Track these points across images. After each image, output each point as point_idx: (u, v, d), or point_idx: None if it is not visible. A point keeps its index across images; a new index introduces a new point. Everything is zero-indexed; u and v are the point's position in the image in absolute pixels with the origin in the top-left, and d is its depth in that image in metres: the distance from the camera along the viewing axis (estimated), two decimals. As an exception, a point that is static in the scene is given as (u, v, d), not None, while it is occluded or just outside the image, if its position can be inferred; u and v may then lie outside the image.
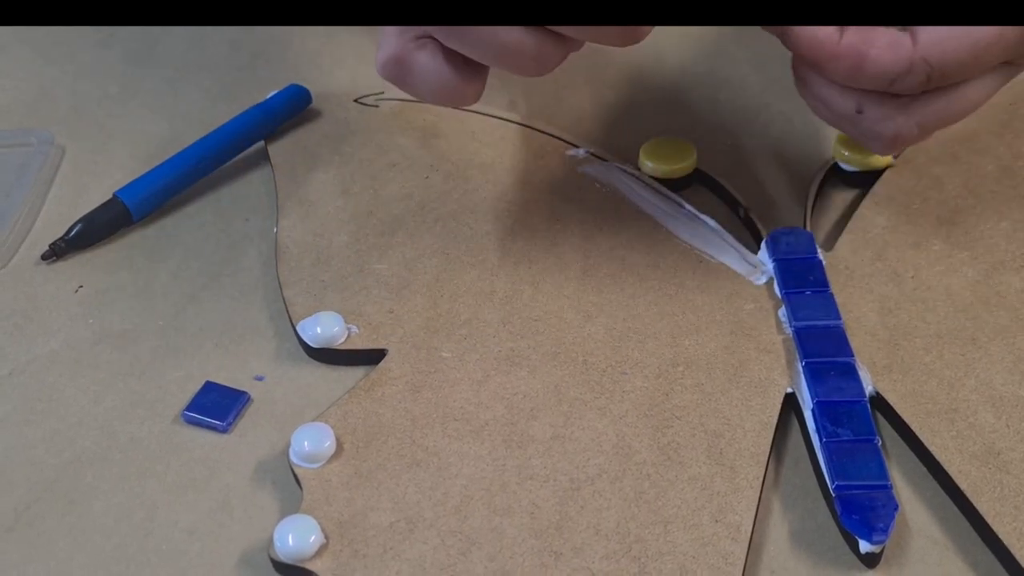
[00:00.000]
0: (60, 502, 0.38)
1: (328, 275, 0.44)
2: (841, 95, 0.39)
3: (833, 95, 0.39)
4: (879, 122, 0.39)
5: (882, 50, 0.37)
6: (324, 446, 0.38)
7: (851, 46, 0.37)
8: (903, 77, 0.37)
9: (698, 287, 0.43)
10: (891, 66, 0.37)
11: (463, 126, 0.51)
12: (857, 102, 0.39)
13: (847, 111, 0.39)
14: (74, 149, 0.52)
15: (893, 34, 0.37)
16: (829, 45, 0.37)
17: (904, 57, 0.37)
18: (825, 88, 0.39)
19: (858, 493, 0.36)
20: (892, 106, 0.39)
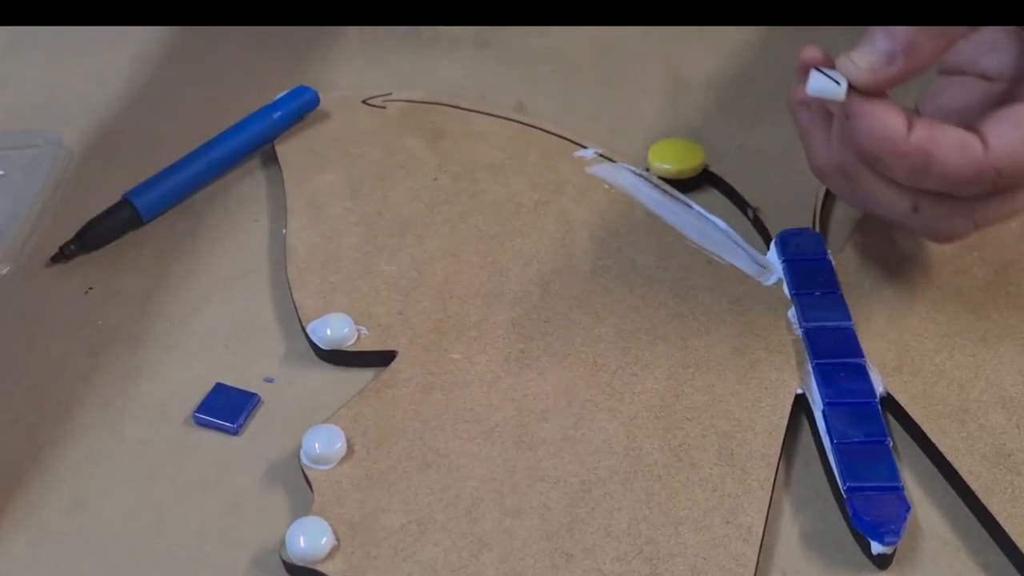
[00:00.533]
0: (70, 504, 0.38)
1: (338, 277, 0.44)
2: (897, 195, 0.37)
3: (888, 195, 0.38)
4: (935, 222, 0.38)
5: (950, 153, 0.35)
6: (335, 448, 0.38)
7: (919, 145, 0.35)
8: (969, 183, 0.36)
9: (707, 288, 0.43)
10: (958, 171, 0.35)
11: (471, 127, 0.51)
12: (913, 201, 0.37)
13: (901, 211, 0.38)
14: (83, 151, 0.52)
15: (963, 136, 0.36)
16: (898, 141, 0.35)
17: (973, 162, 0.35)
18: (879, 187, 0.38)
19: (869, 494, 0.36)
20: (949, 206, 0.37)
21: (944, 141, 0.35)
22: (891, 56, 0.35)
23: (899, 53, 0.35)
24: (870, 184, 0.38)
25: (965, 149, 0.35)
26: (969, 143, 0.35)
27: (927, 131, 0.35)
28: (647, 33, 0.57)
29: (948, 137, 0.35)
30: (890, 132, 0.36)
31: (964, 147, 0.35)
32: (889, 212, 0.38)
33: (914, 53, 0.35)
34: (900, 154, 0.35)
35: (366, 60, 0.57)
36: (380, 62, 0.56)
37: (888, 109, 0.36)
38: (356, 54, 0.57)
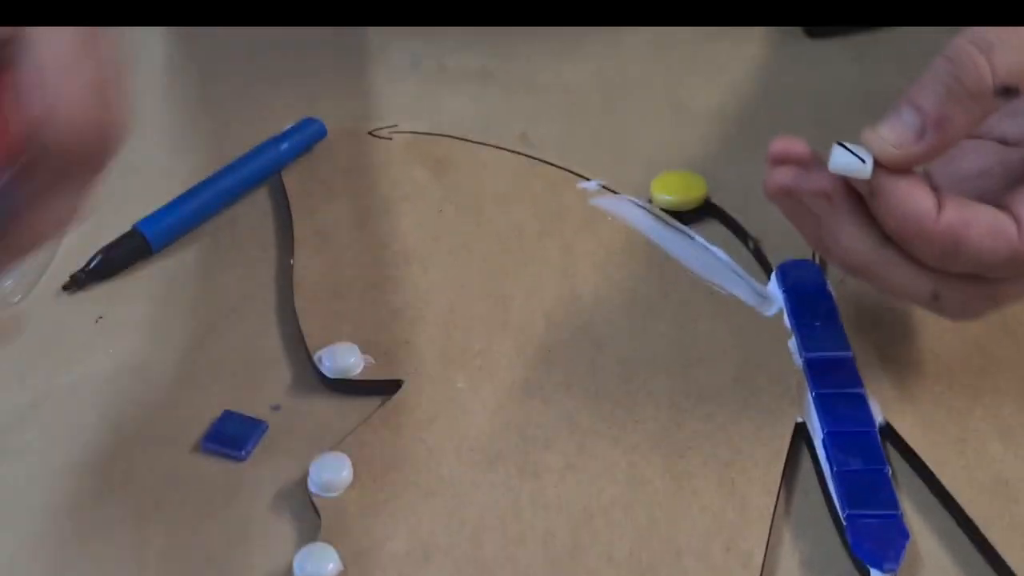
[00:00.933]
0: (79, 530, 0.38)
1: (344, 306, 0.45)
2: (916, 279, 0.35)
3: (907, 280, 0.35)
4: (956, 307, 0.36)
5: (983, 236, 0.33)
6: (341, 475, 0.38)
7: (949, 228, 0.33)
8: (1001, 267, 0.34)
9: (709, 318, 0.44)
10: (992, 255, 0.34)
11: (476, 159, 0.52)
12: (934, 289, 0.35)
13: (920, 296, 0.36)
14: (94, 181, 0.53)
15: (995, 218, 0.34)
16: (927, 223, 0.33)
17: (1007, 246, 0.33)
18: (898, 272, 0.35)
19: (869, 522, 0.36)
20: (972, 292, 0.35)
21: (976, 224, 0.33)
22: (920, 131, 0.34)
23: (929, 127, 0.33)
24: (891, 272, 0.36)
25: (999, 233, 0.33)
26: (1003, 226, 0.34)
27: (958, 212, 0.33)
28: (650, 65, 0.58)
29: (980, 219, 0.34)
30: (919, 213, 0.33)
31: (997, 230, 0.33)
32: (906, 298, 0.37)
33: (945, 127, 0.34)
34: (929, 237, 0.33)
35: (372, 92, 0.57)
36: (386, 94, 0.57)
37: (916, 187, 0.34)
38: (362, 86, 0.58)
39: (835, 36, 0.60)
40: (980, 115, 0.34)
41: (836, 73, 0.57)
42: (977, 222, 0.33)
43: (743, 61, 0.58)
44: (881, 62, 0.58)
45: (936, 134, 0.33)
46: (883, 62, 0.58)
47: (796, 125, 0.54)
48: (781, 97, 0.56)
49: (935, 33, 0.60)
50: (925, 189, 0.34)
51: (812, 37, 0.60)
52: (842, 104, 0.55)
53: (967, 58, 0.33)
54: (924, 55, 0.59)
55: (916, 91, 0.34)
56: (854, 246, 0.35)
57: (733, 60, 0.59)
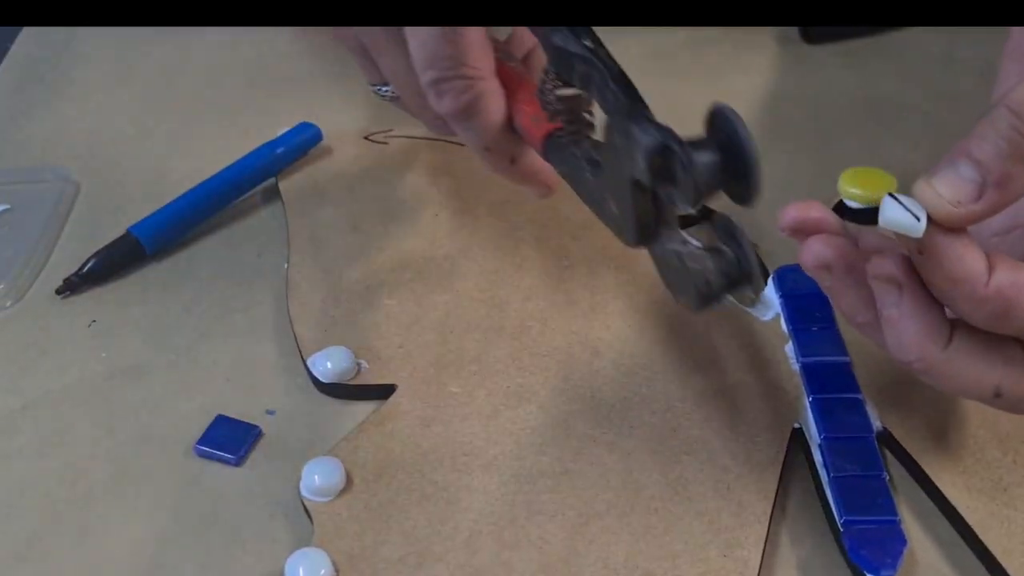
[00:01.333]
0: (72, 534, 0.38)
1: (338, 311, 0.45)
2: (980, 379, 0.33)
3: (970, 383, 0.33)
4: (1018, 402, 0.34)
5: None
6: (334, 480, 0.38)
7: (999, 292, 0.31)
8: None
9: (705, 323, 0.44)
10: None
11: (472, 164, 0.52)
12: (996, 385, 0.33)
13: (983, 395, 0.34)
14: (89, 185, 0.53)
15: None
16: (977, 285, 0.31)
17: None
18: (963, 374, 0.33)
19: (866, 528, 0.36)
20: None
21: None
22: (980, 188, 0.31)
23: (991, 185, 0.31)
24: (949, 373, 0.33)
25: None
26: None
27: (1010, 275, 0.31)
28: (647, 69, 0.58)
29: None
30: (971, 275, 0.31)
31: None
32: (966, 397, 0.35)
33: (1008, 186, 0.31)
34: (979, 299, 0.32)
35: (368, 96, 0.57)
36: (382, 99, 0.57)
37: (968, 247, 0.32)
38: (358, 90, 0.58)
39: (832, 41, 0.60)
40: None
41: (833, 78, 0.58)
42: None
43: (740, 66, 0.58)
44: (878, 67, 0.58)
45: (998, 193, 0.31)
46: (880, 67, 0.58)
47: (793, 130, 0.55)
48: (778, 102, 0.56)
49: (932, 38, 0.61)
50: (976, 249, 0.32)
51: (809, 42, 0.60)
52: (839, 109, 0.56)
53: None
54: (920, 60, 0.60)
55: (975, 143, 0.31)
56: (920, 346, 0.33)
57: (730, 65, 0.59)
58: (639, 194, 0.32)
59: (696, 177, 0.29)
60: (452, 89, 0.40)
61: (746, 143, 0.29)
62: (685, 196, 0.30)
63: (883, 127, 0.54)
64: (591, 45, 0.34)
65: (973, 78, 0.57)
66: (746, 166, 0.29)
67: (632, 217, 0.33)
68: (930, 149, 0.52)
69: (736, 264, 0.32)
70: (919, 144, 0.52)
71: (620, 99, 0.33)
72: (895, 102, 0.56)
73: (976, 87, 0.56)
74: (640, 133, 0.30)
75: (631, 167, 0.32)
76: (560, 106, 0.37)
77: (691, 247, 0.32)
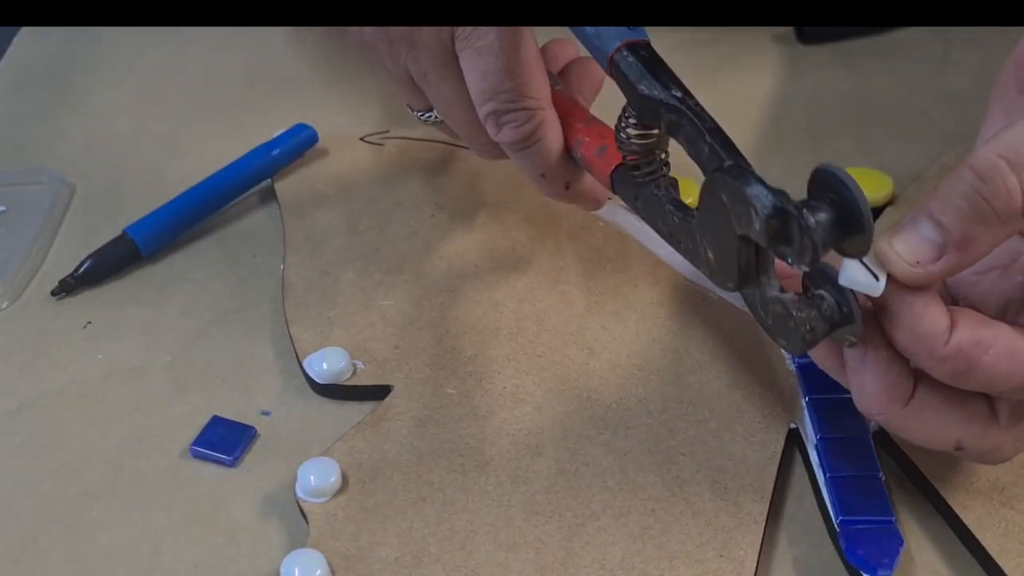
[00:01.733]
0: (67, 535, 0.38)
1: (334, 312, 0.45)
2: (940, 433, 0.33)
3: (930, 435, 0.33)
4: (981, 455, 0.34)
5: (998, 358, 0.31)
6: (330, 481, 0.38)
7: (960, 351, 0.31)
8: (1017, 391, 0.32)
9: (701, 324, 0.44)
10: (1006, 379, 0.31)
11: (468, 165, 0.52)
12: (957, 440, 0.33)
13: (944, 446, 0.34)
14: (85, 187, 0.53)
15: (1013, 340, 0.32)
16: (938, 344, 0.31)
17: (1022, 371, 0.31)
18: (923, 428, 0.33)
19: (863, 528, 0.36)
20: (994, 434, 0.33)
21: (991, 347, 0.31)
22: (940, 249, 0.31)
23: (950, 247, 0.31)
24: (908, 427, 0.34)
25: (1015, 356, 0.31)
26: (1019, 350, 0.31)
27: (971, 334, 0.31)
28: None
29: (996, 341, 0.31)
30: (930, 334, 0.31)
31: (1014, 354, 0.31)
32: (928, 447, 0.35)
33: (968, 248, 0.31)
34: (939, 357, 0.31)
35: (364, 98, 0.57)
36: (378, 100, 0.57)
37: (929, 306, 0.31)
38: (354, 92, 0.58)
39: (827, 42, 0.60)
40: (1006, 236, 0.32)
41: (829, 79, 0.58)
42: (992, 346, 0.31)
43: (736, 67, 0.58)
44: (873, 68, 0.58)
45: (958, 254, 0.31)
46: (875, 68, 0.58)
47: (789, 130, 0.55)
48: (774, 103, 0.56)
49: (927, 39, 0.61)
50: (938, 307, 0.32)
51: (805, 43, 0.60)
52: (835, 109, 0.56)
53: (997, 177, 0.31)
54: (915, 60, 0.60)
55: (937, 204, 0.31)
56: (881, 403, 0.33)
57: (726, 66, 0.59)
58: (745, 247, 0.33)
59: (814, 239, 0.30)
60: (513, 121, 0.40)
61: (858, 201, 0.30)
62: (802, 257, 0.30)
63: (879, 128, 0.54)
64: (679, 95, 0.35)
65: (968, 79, 0.57)
66: (859, 223, 0.30)
67: (735, 268, 0.33)
68: (925, 150, 0.52)
69: (838, 309, 0.32)
70: (914, 145, 0.52)
71: (719, 154, 0.33)
72: (891, 103, 0.56)
73: (971, 88, 0.56)
74: (756, 197, 0.31)
75: (740, 224, 0.32)
76: (638, 148, 0.38)
77: (791, 294, 0.33)
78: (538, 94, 0.40)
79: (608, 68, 0.37)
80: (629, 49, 0.36)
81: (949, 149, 0.51)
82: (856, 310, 0.32)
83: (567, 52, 0.45)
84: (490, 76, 0.39)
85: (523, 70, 0.39)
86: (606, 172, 0.40)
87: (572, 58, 0.45)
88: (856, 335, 0.32)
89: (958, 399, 0.33)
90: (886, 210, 0.48)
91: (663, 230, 0.38)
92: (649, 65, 0.36)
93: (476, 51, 0.39)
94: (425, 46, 0.40)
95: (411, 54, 0.41)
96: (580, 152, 0.41)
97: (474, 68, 0.40)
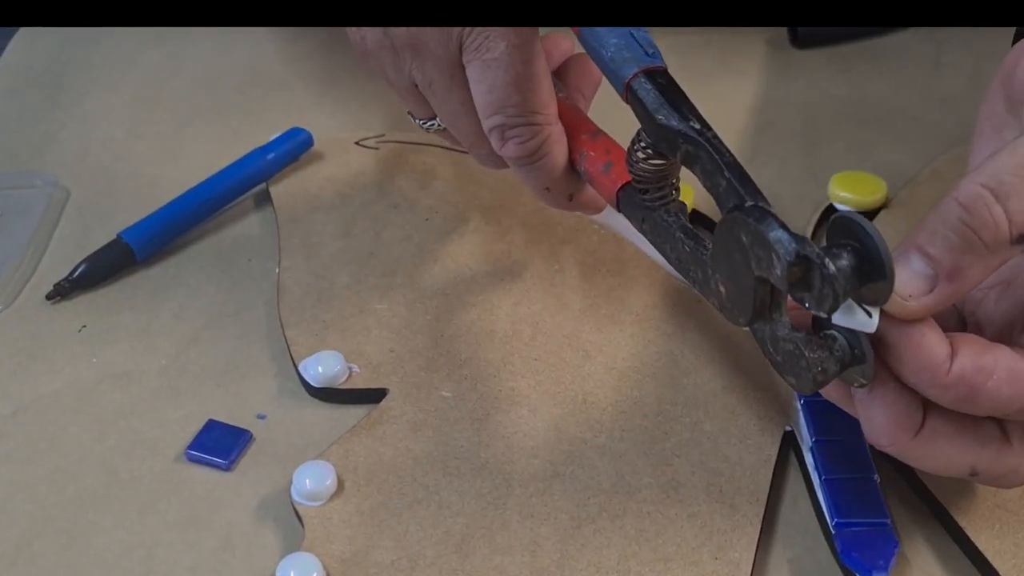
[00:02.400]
0: (62, 539, 0.38)
1: (329, 315, 0.45)
2: (953, 461, 0.33)
3: (945, 461, 0.33)
4: (996, 479, 0.34)
5: (1001, 383, 0.31)
6: (326, 484, 0.38)
7: (963, 378, 0.31)
8: (1022, 413, 0.32)
9: (696, 327, 0.44)
10: (1010, 403, 0.31)
11: (463, 169, 0.52)
12: (971, 466, 0.33)
13: (958, 473, 0.34)
14: (79, 191, 0.53)
15: (1015, 363, 0.32)
16: (939, 374, 0.31)
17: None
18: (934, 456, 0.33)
19: (858, 530, 0.36)
20: (1008, 457, 0.33)
21: (993, 372, 0.31)
22: (931, 281, 0.31)
23: (942, 279, 0.31)
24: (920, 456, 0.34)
25: (1017, 380, 0.31)
26: (1022, 373, 0.31)
27: (973, 360, 0.31)
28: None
29: (998, 366, 0.31)
30: (931, 365, 0.31)
31: (1016, 377, 0.31)
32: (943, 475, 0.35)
33: (958, 279, 0.31)
34: (942, 386, 0.31)
35: (359, 101, 0.57)
36: (373, 104, 0.57)
37: (926, 336, 0.32)
38: (350, 96, 0.58)
39: (821, 46, 0.60)
40: (996, 265, 0.32)
41: (822, 82, 0.58)
42: (995, 367, 0.31)
43: (730, 71, 0.59)
44: (867, 71, 0.58)
45: (950, 286, 0.31)
46: (869, 71, 0.58)
47: (783, 134, 0.55)
48: (768, 107, 0.56)
49: (920, 43, 0.61)
50: (936, 337, 0.32)
51: (798, 47, 0.60)
52: (828, 113, 0.56)
53: (983, 207, 0.31)
54: (908, 64, 0.60)
55: (925, 236, 0.32)
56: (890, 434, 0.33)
57: (718, 71, 0.59)
58: (761, 287, 0.33)
59: (835, 287, 0.30)
60: (518, 137, 0.40)
61: (880, 250, 0.30)
62: (821, 305, 0.30)
63: (872, 131, 0.54)
64: (698, 126, 0.35)
65: (961, 82, 0.57)
66: (880, 270, 0.30)
67: (750, 306, 0.33)
68: (919, 153, 0.52)
69: (849, 351, 0.32)
70: (908, 148, 0.53)
71: (738, 190, 0.33)
72: (884, 106, 0.56)
73: (964, 91, 0.57)
74: (778, 242, 0.31)
75: (759, 267, 0.32)
76: (650, 175, 0.37)
77: (803, 333, 0.33)
78: (545, 109, 0.40)
79: (624, 94, 0.36)
80: (647, 76, 0.36)
81: (942, 152, 0.51)
82: (868, 351, 0.32)
83: (562, 47, 0.45)
84: (497, 89, 0.39)
85: (531, 84, 0.39)
86: (612, 190, 0.39)
87: (568, 54, 0.45)
88: (867, 376, 0.32)
89: (969, 425, 0.33)
90: (880, 213, 0.48)
91: (671, 256, 0.38)
92: (668, 94, 0.35)
93: (484, 63, 0.39)
94: (432, 55, 0.40)
95: (416, 63, 0.41)
96: (584, 166, 0.41)
97: (481, 80, 0.39)
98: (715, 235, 0.34)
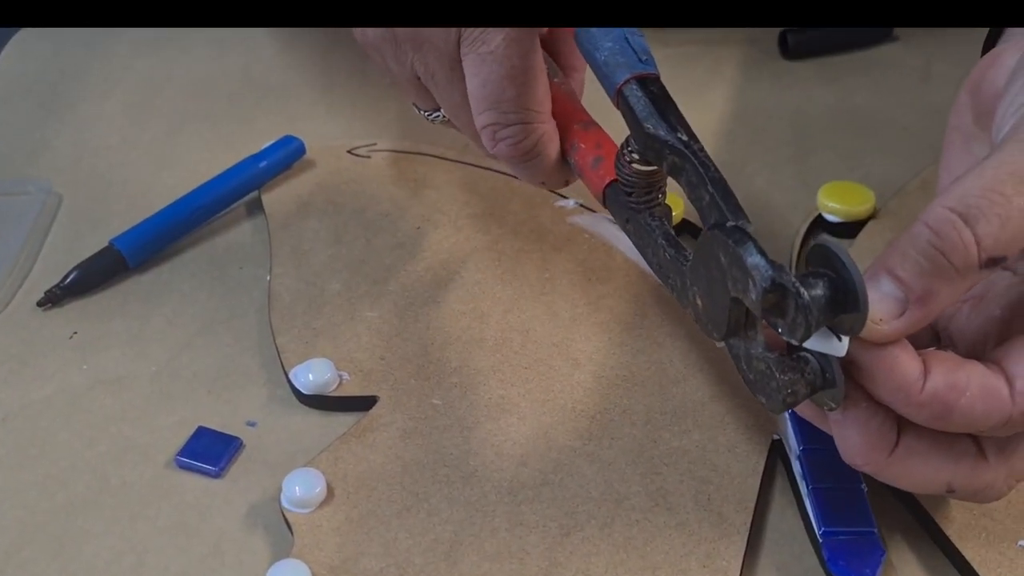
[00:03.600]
0: (51, 545, 0.38)
1: (320, 322, 0.45)
2: (929, 478, 0.33)
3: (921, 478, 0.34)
4: (974, 494, 0.34)
5: (974, 399, 0.31)
6: (315, 491, 0.38)
7: (936, 396, 0.31)
8: (996, 429, 0.32)
9: (685, 335, 0.44)
10: (984, 419, 0.32)
11: (454, 177, 0.52)
12: (947, 482, 0.34)
13: (935, 490, 0.34)
14: (72, 198, 0.53)
15: (987, 379, 0.32)
16: (912, 393, 0.31)
17: (1000, 409, 0.32)
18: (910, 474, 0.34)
19: (845, 539, 0.36)
20: (984, 473, 0.34)
21: (966, 389, 0.31)
22: (902, 304, 0.32)
23: (912, 303, 0.31)
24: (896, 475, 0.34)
25: (990, 396, 0.32)
26: (994, 388, 0.32)
27: (946, 378, 0.31)
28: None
29: (971, 382, 0.31)
30: (904, 384, 0.31)
31: (989, 393, 0.32)
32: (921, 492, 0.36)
33: (929, 303, 0.31)
34: (916, 405, 0.32)
35: (352, 110, 0.58)
36: (366, 112, 0.57)
37: (898, 356, 0.32)
38: (342, 104, 0.58)
39: (810, 57, 0.60)
40: (966, 288, 0.32)
41: (812, 93, 0.58)
42: (968, 385, 0.31)
43: (720, 82, 0.59)
44: (856, 82, 0.59)
45: (920, 310, 0.31)
46: (858, 82, 0.59)
47: (772, 144, 0.55)
48: (757, 116, 0.57)
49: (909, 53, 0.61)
50: (907, 356, 0.32)
51: (788, 58, 0.60)
52: (818, 123, 0.56)
53: (951, 231, 0.31)
54: (897, 74, 0.60)
55: (895, 260, 0.32)
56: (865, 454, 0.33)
57: (710, 81, 0.59)
58: (736, 307, 0.33)
59: (808, 317, 0.30)
60: (511, 137, 0.39)
61: (855, 279, 0.30)
62: (794, 332, 0.31)
63: (861, 141, 0.55)
64: (685, 138, 0.35)
65: (950, 93, 0.57)
66: (854, 303, 0.30)
67: (724, 323, 0.33)
68: (907, 163, 0.52)
69: (820, 374, 0.32)
70: (897, 158, 0.53)
71: (720, 207, 0.33)
72: (873, 117, 0.56)
73: (952, 101, 0.57)
74: (755, 268, 0.31)
75: (735, 288, 0.32)
76: (637, 180, 0.38)
77: (776, 354, 0.33)
78: (539, 106, 0.39)
79: (615, 99, 0.36)
80: (639, 83, 0.36)
81: (931, 163, 0.52)
82: (839, 376, 0.32)
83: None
84: (490, 84, 0.39)
85: (527, 79, 0.38)
86: (599, 186, 0.40)
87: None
88: (837, 401, 0.32)
89: (944, 442, 0.33)
90: (868, 224, 0.48)
91: (652, 260, 0.38)
92: (658, 103, 0.35)
93: (480, 56, 0.38)
94: (433, 47, 0.40)
95: (418, 55, 0.40)
96: (575, 158, 0.41)
97: (476, 74, 0.39)
98: (696, 249, 0.34)
